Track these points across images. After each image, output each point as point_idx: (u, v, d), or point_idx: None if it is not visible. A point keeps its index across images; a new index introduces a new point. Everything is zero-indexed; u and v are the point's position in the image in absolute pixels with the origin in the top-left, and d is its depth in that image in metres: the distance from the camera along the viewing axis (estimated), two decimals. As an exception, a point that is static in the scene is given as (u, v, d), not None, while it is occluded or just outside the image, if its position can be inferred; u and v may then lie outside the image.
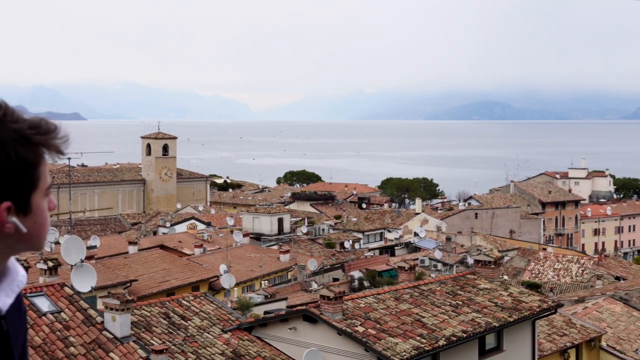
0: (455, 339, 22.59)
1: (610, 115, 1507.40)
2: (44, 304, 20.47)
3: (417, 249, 69.37)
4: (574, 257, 62.50)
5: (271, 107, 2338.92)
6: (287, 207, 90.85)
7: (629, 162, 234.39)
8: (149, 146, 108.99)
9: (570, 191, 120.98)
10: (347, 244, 67.98)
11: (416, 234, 74.75)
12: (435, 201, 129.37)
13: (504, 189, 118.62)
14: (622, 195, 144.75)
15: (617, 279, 53.94)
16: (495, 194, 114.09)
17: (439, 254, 59.87)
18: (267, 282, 48.27)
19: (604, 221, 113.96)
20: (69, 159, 50.94)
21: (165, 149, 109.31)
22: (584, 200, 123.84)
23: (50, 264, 24.17)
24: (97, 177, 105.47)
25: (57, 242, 43.19)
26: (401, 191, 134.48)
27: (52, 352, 18.82)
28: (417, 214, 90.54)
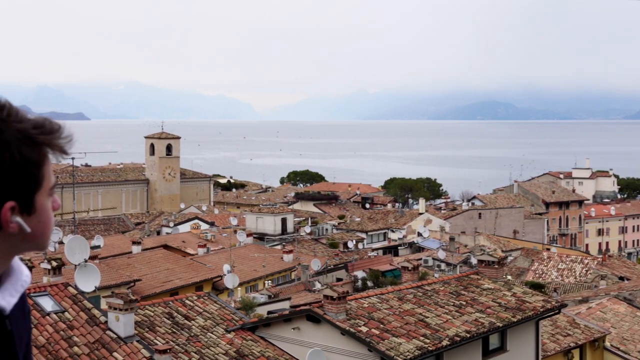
0: (458, 339, 22.57)
1: (614, 115, 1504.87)
2: (47, 304, 20.50)
3: (420, 249, 69.36)
4: (577, 257, 62.43)
5: (275, 107, 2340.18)
6: (291, 207, 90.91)
7: (633, 162, 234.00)
8: (152, 146, 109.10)
9: (574, 191, 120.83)
10: (351, 244, 67.98)
11: (420, 234, 74.73)
12: (438, 201, 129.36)
13: (507, 189, 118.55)
14: (626, 195, 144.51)
15: (621, 279, 53.87)
16: (498, 194, 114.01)
17: (442, 254, 59.89)
18: (270, 282, 48.28)
19: (607, 221, 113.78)
20: (73, 158, 50.94)
21: (168, 148, 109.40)
22: (588, 200, 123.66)
23: (54, 263, 24.21)
24: (101, 177, 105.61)
25: (60, 242, 43.26)
26: (405, 191, 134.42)
27: (56, 352, 18.85)
28: (421, 214, 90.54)
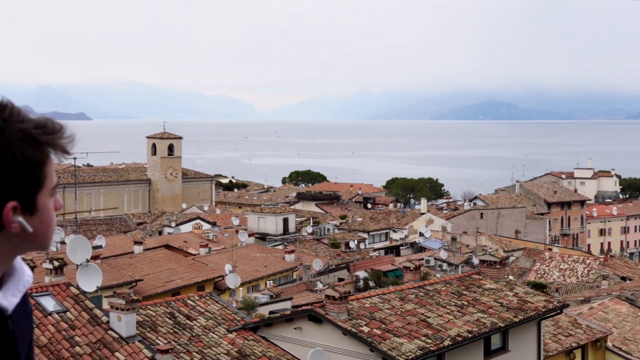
0: (460, 339, 22.56)
1: (616, 115, 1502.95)
2: (49, 304, 20.52)
3: (422, 249, 69.35)
4: (579, 257, 62.39)
5: (276, 107, 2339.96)
6: (292, 207, 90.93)
7: (635, 162, 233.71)
8: (154, 146, 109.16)
9: (576, 191, 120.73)
10: (353, 244, 67.96)
11: (421, 234, 74.72)
12: (440, 201, 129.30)
13: (509, 189, 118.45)
14: (628, 195, 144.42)
15: (623, 279, 53.83)
16: (500, 194, 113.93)
17: (444, 254, 59.86)
18: (272, 282, 48.27)
19: (609, 221, 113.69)
20: (75, 158, 51.09)
21: (170, 148, 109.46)
22: (590, 200, 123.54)
23: (55, 263, 24.23)
24: (103, 177, 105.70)
25: (62, 242, 43.24)
26: (406, 191, 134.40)
27: (58, 352, 18.86)
28: (423, 214, 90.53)
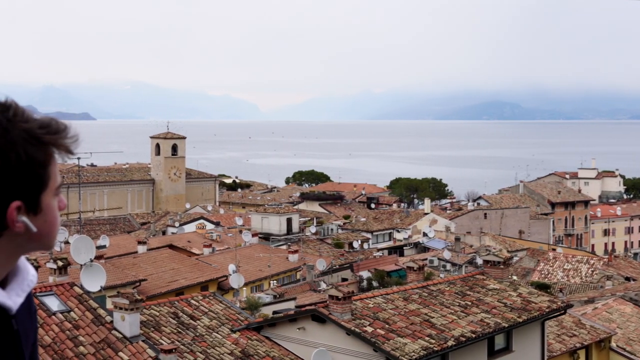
0: (464, 339, 22.55)
1: (620, 115, 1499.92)
2: (53, 304, 20.55)
3: (426, 249, 69.32)
4: (583, 257, 62.28)
5: (280, 107, 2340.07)
6: (296, 207, 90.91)
7: (639, 163, 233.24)
8: (158, 146, 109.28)
9: (579, 191, 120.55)
10: (356, 244, 67.94)
11: (425, 234, 74.69)
12: (444, 201, 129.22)
13: (513, 189, 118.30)
14: (632, 195, 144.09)
15: (627, 279, 53.71)
16: (504, 194, 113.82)
17: (447, 254, 59.81)
18: (275, 282, 48.30)
19: (613, 221, 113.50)
20: (79, 158, 51.11)
21: (174, 148, 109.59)
22: (594, 200, 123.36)
23: (59, 263, 24.26)
24: (107, 176, 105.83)
25: (66, 242, 43.33)
26: (410, 191, 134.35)
27: (62, 352, 18.89)
28: (426, 214, 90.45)
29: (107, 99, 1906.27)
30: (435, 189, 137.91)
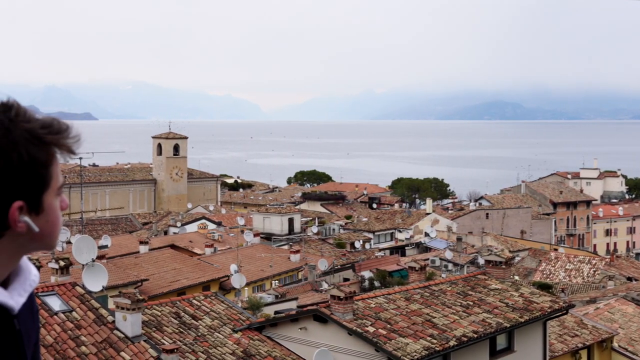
0: (466, 339, 22.54)
1: (622, 115, 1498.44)
2: (55, 303, 20.56)
3: (427, 249, 69.29)
4: (585, 257, 62.22)
5: (282, 107, 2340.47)
6: (298, 207, 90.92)
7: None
8: (159, 146, 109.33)
9: (581, 191, 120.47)
10: (358, 244, 67.95)
11: (427, 234, 74.66)
12: (446, 201, 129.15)
13: (515, 189, 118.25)
14: (634, 195, 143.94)
15: (629, 279, 53.67)
16: (506, 194, 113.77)
17: (449, 254, 59.81)
18: (277, 282, 48.29)
19: (615, 221, 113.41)
20: (81, 158, 51.02)
21: (176, 148, 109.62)
22: (596, 200, 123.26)
23: (61, 263, 24.26)
24: (109, 176, 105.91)
25: (68, 242, 43.37)
26: (412, 191, 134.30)
27: (64, 351, 18.90)
28: (428, 214, 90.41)
29: (108, 99, 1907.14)
30: (437, 189, 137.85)
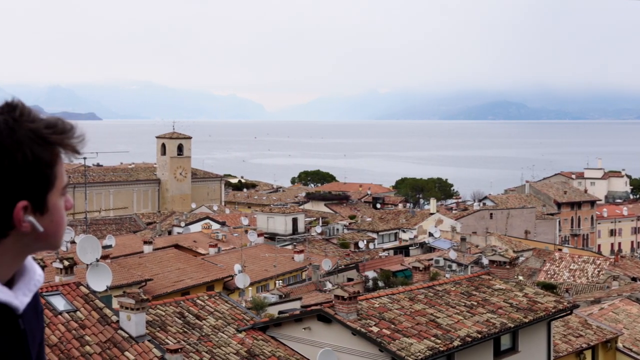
0: (470, 339, 22.51)
1: (626, 115, 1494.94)
2: (59, 303, 20.59)
3: (431, 249, 69.24)
4: (589, 257, 62.12)
5: (286, 107, 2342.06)
6: (302, 207, 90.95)
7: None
8: (163, 146, 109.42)
9: (586, 191, 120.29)
10: (362, 244, 67.92)
11: (431, 234, 74.60)
12: (449, 201, 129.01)
13: (519, 189, 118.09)
14: (638, 195, 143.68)
15: (634, 279, 53.57)
16: (510, 194, 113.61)
17: (453, 255, 59.74)
18: (281, 281, 48.31)
19: (620, 222, 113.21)
20: (85, 158, 51.20)
21: (180, 148, 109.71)
22: (600, 200, 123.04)
23: (66, 263, 24.30)
24: (113, 176, 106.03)
25: (72, 242, 43.39)
26: (416, 191, 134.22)
27: (68, 351, 18.92)
28: (432, 214, 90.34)
29: (113, 99, 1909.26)
30: (441, 189, 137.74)
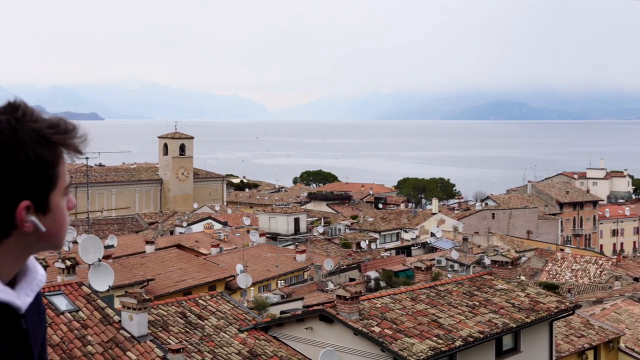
0: (472, 339, 22.50)
1: (629, 115, 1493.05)
2: (62, 303, 20.60)
3: (433, 249, 69.21)
4: (592, 257, 62.06)
5: (288, 107, 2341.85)
6: (304, 207, 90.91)
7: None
8: (166, 146, 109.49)
9: (588, 191, 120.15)
10: (364, 244, 67.90)
11: (433, 234, 74.56)
12: (452, 201, 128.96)
13: (521, 189, 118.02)
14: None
15: (636, 280, 53.48)
16: (512, 194, 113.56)
17: (455, 255, 59.71)
18: (283, 282, 48.33)
19: (622, 222, 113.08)
20: (87, 158, 51.22)
21: (182, 148, 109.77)
22: (602, 200, 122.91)
23: (68, 263, 24.32)
24: (115, 176, 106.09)
25: (75, 242, 43.45)
26: (418, 191, 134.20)
27: (70, 351, 18.94)
28: (434, 214, 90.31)
29: (115, 99, 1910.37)
30: (443, 189, 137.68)
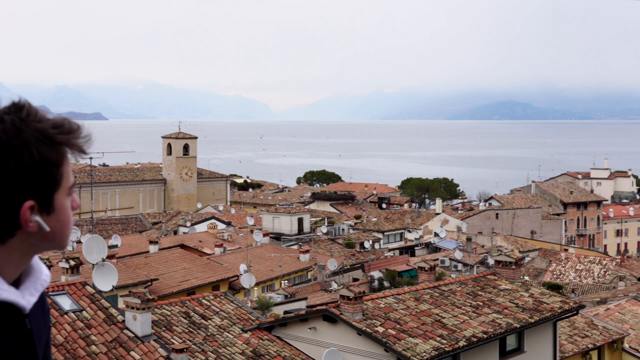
0: (475, 339, 22.49)
1: (633, 115, 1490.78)
2: (65, 303, 20.63)
3: (437, 250, 69.18)
4: (596, 258, 61.97)
5: (292, 107, 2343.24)
6: (307, 207, 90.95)
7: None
8: (169, 146, 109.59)
9: (592, 192, 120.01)
10: (367, 244, 67.90)
11: (436, 234, 74.53)
12: (455, 201, 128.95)
13: (525, 189, 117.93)
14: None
15: (640, 280, 53.41)
16: (516, 194, 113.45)
17: (459, 255, 59.70)
18: (287, 281, 48.33)
19: (626, 222, 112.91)
20: (91, 158, 51.28)
21: (185, 148, 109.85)
22: (606, 200, 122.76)
23: (72, 262, 24.35)
24: (119, 176, 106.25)
25: (78, 241, 43.50)
26: (421, 191, 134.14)
27: (74, 351, 18.96)
28: (438, 214, 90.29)
29: (119, 99, 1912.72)
30: (446, 189, 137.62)
